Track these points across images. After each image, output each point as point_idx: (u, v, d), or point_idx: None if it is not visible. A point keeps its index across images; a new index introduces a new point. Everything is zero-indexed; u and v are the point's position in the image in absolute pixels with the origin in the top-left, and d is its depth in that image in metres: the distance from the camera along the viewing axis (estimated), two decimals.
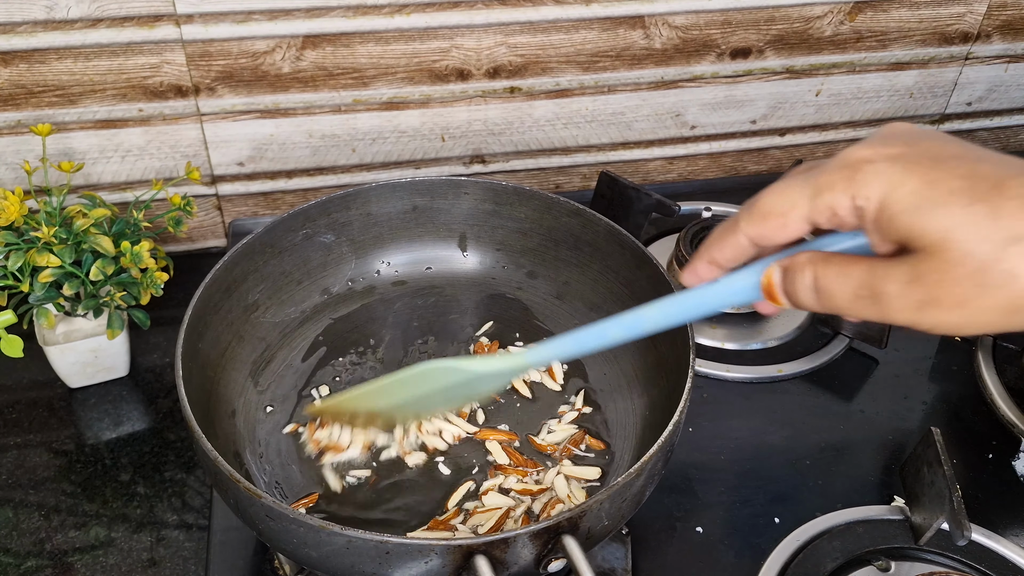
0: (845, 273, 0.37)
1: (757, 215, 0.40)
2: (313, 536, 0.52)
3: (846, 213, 0.37)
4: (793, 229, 0.39)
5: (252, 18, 0.84)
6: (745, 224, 0.40)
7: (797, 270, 0.39)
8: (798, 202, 0.38)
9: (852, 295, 0.37)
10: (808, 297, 0.39)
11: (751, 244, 0.41)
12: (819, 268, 0.38)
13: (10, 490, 0.73)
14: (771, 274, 0.40)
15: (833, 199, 0.37)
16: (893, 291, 0.36)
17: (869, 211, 0.36)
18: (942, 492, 0.66)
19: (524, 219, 0.82)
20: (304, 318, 0.79)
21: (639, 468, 0.56)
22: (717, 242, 0.42)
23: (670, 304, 0.45)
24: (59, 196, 0.76)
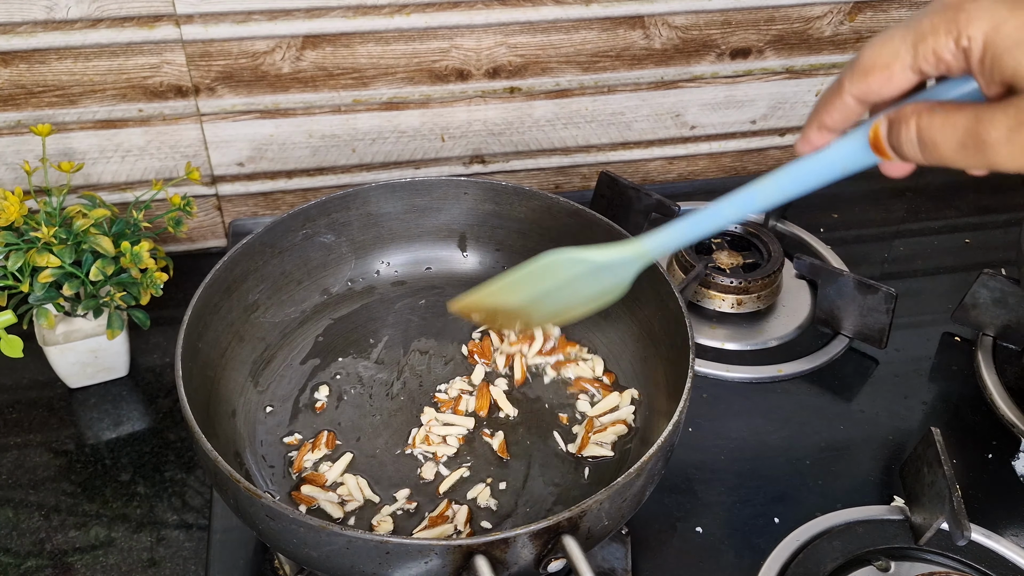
0: (950, 122, 0.36)
1: (860, 71, 0.38)
2: (313, 536, 0.52)
3: (951, 57, 0.35)
4: (899, 81, 0.38)
5: (252, 18, 0.84)
6: (849, 83, 0.39)
7: (902, 121, 0.38)
8: (901, 51, 0.37)
9: (957, 144, 0.36)
10: (913, 150, 0.38)
11: (858, 103, 0.40)
12: (923, 119, 0.37)
13: (10, 490, 0.73)
14: (878, 128, 0.39)
15: (936, 43, 0.35)
16: (1000, 137, 0.34)
17: (974, 51, 0.34)
18: (942, 492, 0.66)
19: (524, 219, 0.82)
20: (304, 318, 0.79)
21: (639, 468, 0.56)
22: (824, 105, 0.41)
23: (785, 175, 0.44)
24: (59, 196, 0.76)
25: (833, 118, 0.41)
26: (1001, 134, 0.34)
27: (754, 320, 0.90)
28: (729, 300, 0.89)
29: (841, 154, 0.42)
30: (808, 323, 0.90)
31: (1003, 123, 0.34)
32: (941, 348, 0.89)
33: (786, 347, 0.88)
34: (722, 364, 0.85)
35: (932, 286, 0.97)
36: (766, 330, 0.89)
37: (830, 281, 0.87)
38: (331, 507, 0.65)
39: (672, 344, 0.69)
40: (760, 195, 0.45)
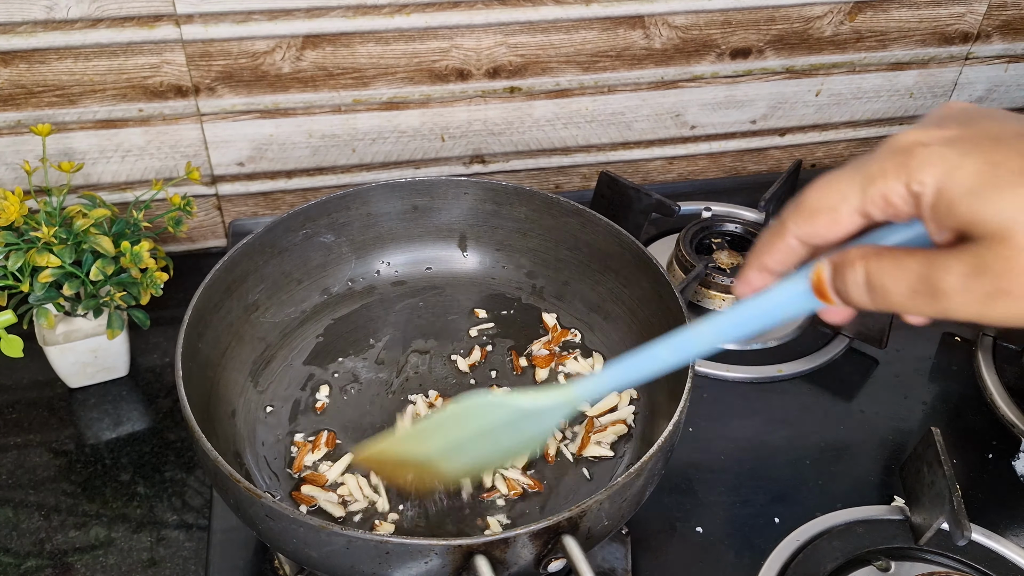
0: (900, 267, 0.35)
1: (805, 213, 0.37)
2: (313, 536, 0.52)
3: (901, 201, 0.34)
4: (845, 224, 0.36)
5: (252, 18, 0.84)
6: (793, 224, 0.38)
7: (848, 266, 0.36)
8: (848, 194, 0.36)
9: (909, 291, 0.35)
10: (860, 295, 0.36)
11: (801, 245, 0.38)
12: (871, 263, 0.36)
13: (10, 490, 0.73)
14: (820, 271, 0.38)
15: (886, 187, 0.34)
16: (954, 284, 0.33)
17: (926, 197, 0.33)
18: (942, 492, 0.66)
19: (524, 219, 0.82)
20: (304, 318, 0.79)
21: (639, 468, 0.56)
22: (766, 247, 0.40)
23: (723, 320, 0.42)
24: (59, 196, 0.76)
25: (775, 259, 0.39)
26: (957, 281, 0.33)
27: None
28: (729, 300, 0.90)
29: (782, 298, 0.40)
30: (808, 323, 0.90)
31: (958, 270, 0.33)
32: (941, 348, 0.89)
33: (786, 347, 0.88)
34: (722, 364, 0.85)
35: None
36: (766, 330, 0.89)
37: None
38: (331, 507, 0.65)
39: None
40: (698, 340, 0.43)
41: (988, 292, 0.32)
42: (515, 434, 0.51)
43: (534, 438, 0.52)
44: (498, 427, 0.51)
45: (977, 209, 0.32)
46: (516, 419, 0.50)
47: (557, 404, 0.49)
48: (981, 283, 0.32)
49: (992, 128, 0.34)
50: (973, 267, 0.33)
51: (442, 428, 0.53)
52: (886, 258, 0.35)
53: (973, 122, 0.35)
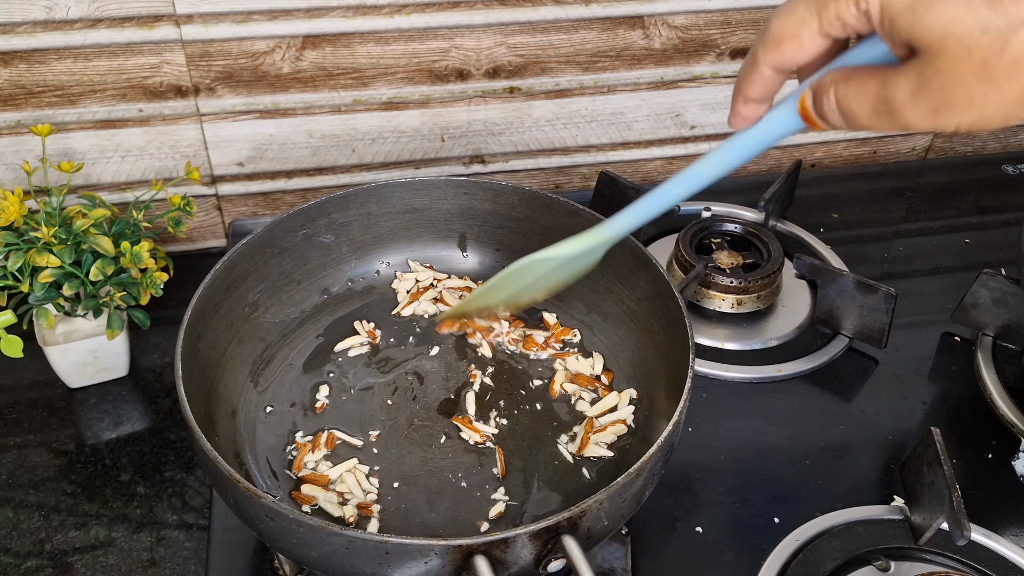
0: (862, 90, 0.36)
1: (771, 42, 0.38)
2: (313, 536, 0.52)
3: (855, 20, 0.35)
4: (810, 47, 0.37)
5: (252, 18, 0.84)
6: (763, 54, 0.39)
7: (823, 91, 0.38)
8: (807, 18, 0.37)
9: (871, 110, 0.36)
10: (836, 117, 0.38)
11: (775, 72, 0.39)
12: (839, 87, 0.37)
13: (10, 490, 0.73)
14: (804, 99, 0.39)
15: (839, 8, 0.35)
16: (904, 100, 0.34)
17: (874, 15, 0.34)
18: (942, 492, 0.66)
19: (524, 219, 0.82)
20: (304, 318, 0.79)
21: (639, 468, 0.56)
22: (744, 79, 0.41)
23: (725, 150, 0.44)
24: (59, 196, 0.76)
25: (755, 89, 0.41)
26: (905, 97, 0.34)
27: (754, 320, 0.90)
28: (729, 300, 0.89)
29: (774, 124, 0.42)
30: (808, 323, 0.90)
31: (905, 86, 0.34)
32: (941, 348, 0.89)
33: (786, 347, 0.88)
34: (722, 364, 0.85)
35: (932, 286, 0.97)
36: (766, 330, 0.89)
37: (830, 281, 0.87)
38: (331, 507, 0.65)
39: (672, 344, 0.69)
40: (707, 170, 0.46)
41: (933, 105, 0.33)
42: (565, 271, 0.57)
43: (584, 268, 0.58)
44: (549, 272, 0.57)
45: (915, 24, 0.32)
46: (562, 264, 0.56)
47: (595, 244, 0.55)
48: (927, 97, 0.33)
49: None
50: (917, 82, 0.33)
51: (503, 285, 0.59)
52: (852, 81, 0.36)
53: None
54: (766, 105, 0.42)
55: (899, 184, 1.13)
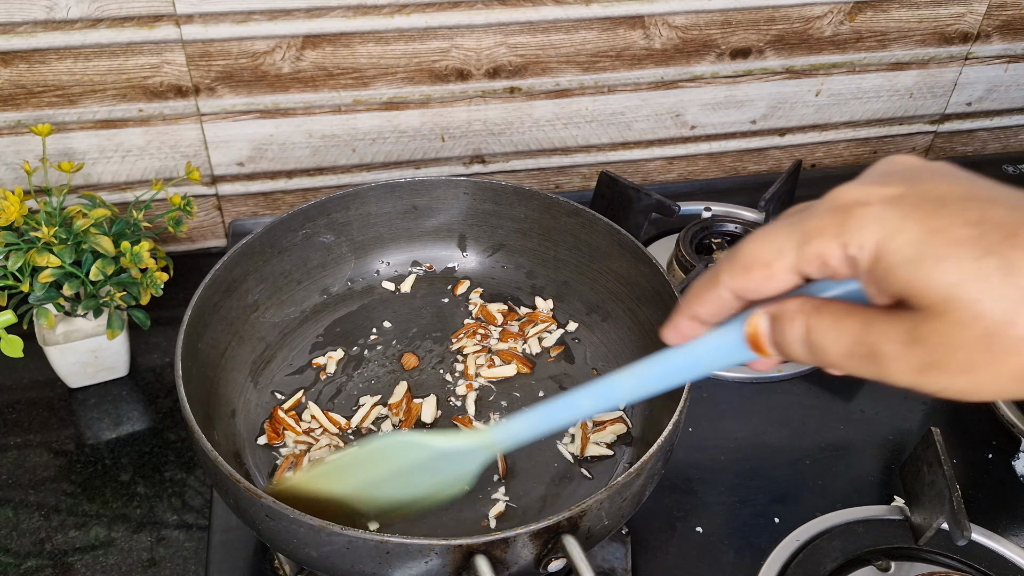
0: (839, 327, 0.33)
1: (739, 266, 0.35)
2: (313, 536, 0.52)
3: (838, 263, 0.33)
4: (780, 281, 0.35)
5: (252, 18, 0.84)
6: (727, 276, 0.36)
7: (787, 320, 0.35)
8: (784, 251, 0.34)
9: (846, 352, 0.33)
10: (799, 350, 0.35)
11: (734, 297, 0.36)
12: (811, 319, 0.34)
13: (10, 490, 0.73)
14: (757, 323, 0.36)
15: (823, 247, 0.33)
16: (891, 352, 0.32)
17: (863, 262, 0.32)
18: (942, 492, 0.66)
19: (524, 219, 0.82)
20: (304, 318, 0.79)
21: (639, 468, 0.56)
22: (698, 296, 0.38)
23: (648, 369, 0.41)
24: (59, 196, 0.76)
25: (707, 309, 0.38)
26: (894, 348, 0.32)
27: None
28: None
29: (713, 348, 0.38)
30: None
31: (896, 338, 0.31)
32: None
33: None
34: None
35: None
36: None
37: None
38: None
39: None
40: (620, 389, 0.42)
41: (924, 363, 0.31)
42: (433, 476, 0.51)
43: (452, 481, 0.51)
44: (415, 467, 0.50)
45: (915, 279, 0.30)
46: (433, 460, 0.50)
47: (475, 447, 0.49)
48: (917, 353, 0.31)
49: (938, 188, 0.32)
50: (910, 336, 0.31)
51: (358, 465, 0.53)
52: (826, 315, 0.34)
53: (918, 180, 0.33)
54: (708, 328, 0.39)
55: None
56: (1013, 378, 0.30)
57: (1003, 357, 0.29)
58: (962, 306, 0.29)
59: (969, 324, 0.29)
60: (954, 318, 0.30)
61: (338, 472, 0.54)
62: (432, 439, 0.49)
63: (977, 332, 0.29)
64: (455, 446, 0.49)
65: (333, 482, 0.54)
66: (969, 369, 0.30)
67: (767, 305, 0.36)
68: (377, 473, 0.52)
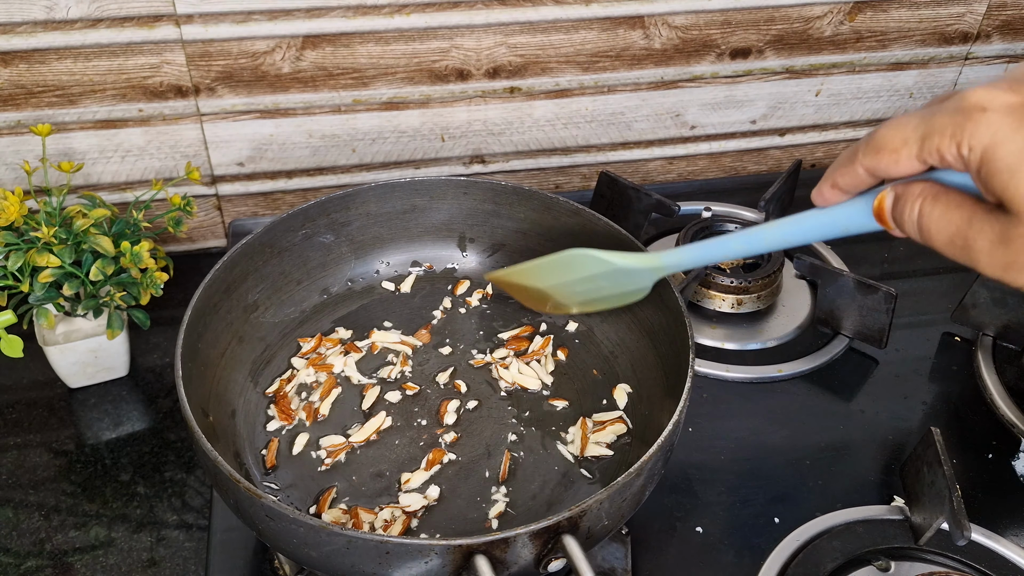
0: (947, 217, 0.37)
1: (872, 147, 0.40)
2: (313, 536, 0.52)
3: (952, 159, 0.36)
4: (905, 166, 0.39)
5: (252, 18, 0.84)
6: (862, 155, 0.40)
7: (908, 199, 0.39)
8: (911, 140, 0.38)
9: (948, 239, 0.37)
10: (912, 229, 0.39)
11: (868, 174, 0.41)
12: (926, 204, 0.38)
13: (10, 490, 0.73)
14: (884, 198, 0.41)
15: (942, 143, 0.36)
16: (983, 247, 0.36)
17: (972, 163, 0.35)
18: (942, 492, 0.66)
19: (524, 219, 0.82)
20: (304, 318, 0.79)
21: (639, 468, 0.56)
22: (839, 168, 0.42)
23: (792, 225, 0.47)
24: (59, 196, 0.76)
25: (845, 181, 0.42)
26: (985, 244, 0.36)
27: (754, 320, 0.90)
28: (729, 300, 0.90)
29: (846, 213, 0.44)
30: (808, 323, 0.90)
31: (988, 235, 0.36)
32: (941, 348, 0.89)
33: (786, 347, 0.88)
34: (722, 364, 0.85)
35: (932, 286, 0.97)
36: (766, 330, 0.89)
37: (830, 281, 0.87)
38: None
39: (672, 344, 0.69)
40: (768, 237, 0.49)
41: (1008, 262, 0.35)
42: (612, 285, 0.60)
43: (632, 291, 0.61)
44: (598, 276, 0.60)
45: (1011, 187, 0.34)
46: (611, 273, 0.59)
47: (647, 267, 0.57)
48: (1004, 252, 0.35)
49: None
50: (1000, 236, 0.35)
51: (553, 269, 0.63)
52: (940, 203, 0.38)
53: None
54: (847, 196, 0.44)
55: None
56: None
57: None
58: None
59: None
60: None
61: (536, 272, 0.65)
62: (612, 256, 0.58)
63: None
64: (630, 264, 0.58)
65: (533, 278, 0.65)
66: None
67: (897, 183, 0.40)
68: (568, 277, 0.62)
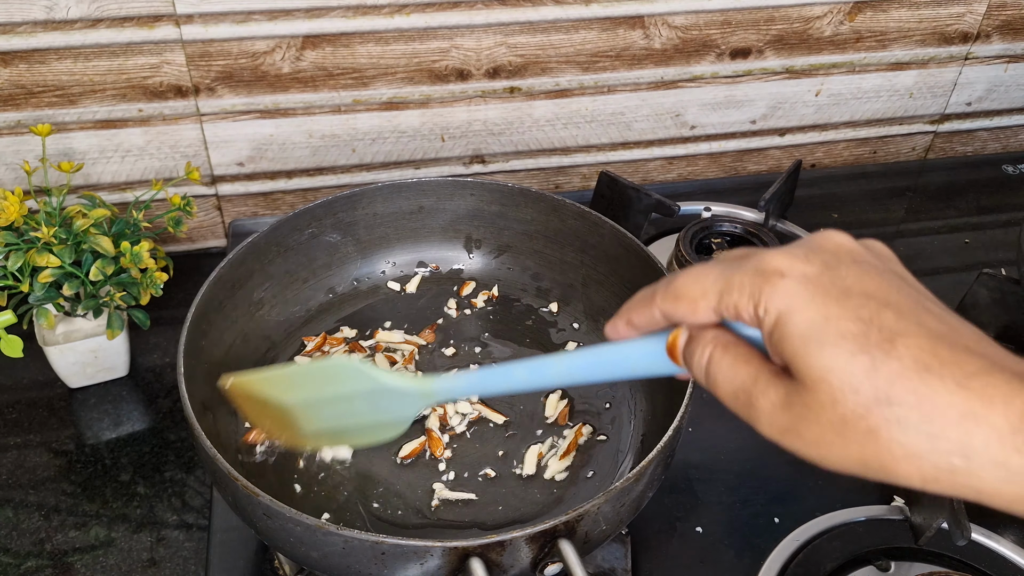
0: (734, 369, 0.37)
1: (671, 295, 0.39)
2: (310, 536, 0.52)
3: (748, 318, 0.36)
4: (702, 316, 0.38)
5: (252, 18, 0.84)
6: (660, 300, 0.40)
7: (699, 343, 0.39)
8: (709, 293, 0.38)
9: (732, 392, 0.37)
10: (699, 373, 0.39)
11: (663, 317, 0.40)
12: (717, 351, 0.38)
13: (10, 490, 0.73)
14: (678, 335, 0.40)
15: (740, 301, 0.36)
16: (764, 407, 0.36)
17: (767, 324, 0.36)
18: None
19: (530, 221, 0.82)
20: (309, 317, 0.79)
21: (638, 472, 0.55)
22: (636, 306, 0.42)
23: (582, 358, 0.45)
24: (59, 196, 0.76)
25: (640, 320, 0.42)
26: (767, 406, 0.36)
27: None
28: None
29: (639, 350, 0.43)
30: None
31: (771, 397, 0.35)
32: None
33: None
34: None
35: (932, 286, 0.95)
36: None
37: None
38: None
39: None
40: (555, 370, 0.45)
41: (786, 427, 0.35)
42: (373, 409, 0.52)
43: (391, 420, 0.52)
44: (359, 395, 0.52)
45: (800, 354, 0.34)
46: (376, 393, 0.51)
47: (415, 392, 0.50)
48: (784, 417, 0.35)
49: (848, 278, 0.35)
50: (783, 400, 0.35)
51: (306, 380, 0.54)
52: (729, 354, 0.38)
53: (837, 265, 0.36)
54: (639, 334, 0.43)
55: (899, 184, 1.13)
56: (856, 462, 0.34)
57: (849, 443, 0.33)
58: (828, 390, 0.33)
59: (829, 407, 0.33)
60: (819, 399, 0.33)
61: (287, 381, 0.55)
62: (377, 372, 0.51)
63: (834, 416, 0.33)
64: (397, 385, 0.50)
65: (281, 390, 0.54)
66: (820, 444, 0.34)
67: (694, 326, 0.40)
68: (322, 392, 0.53)
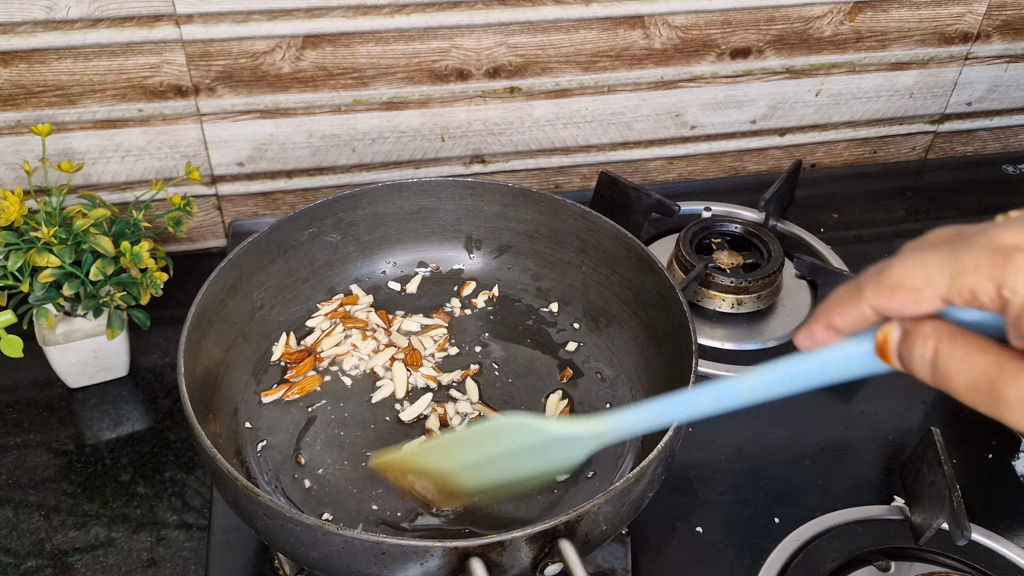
0: (969, 359, 0.34)
1: (886, 287, 0.36)
2: (310, 536, 0.52)
3: (987, 300, 0.33)
4: (926, 306, 0.35)
5: (252, 18, 0.84)
6: (872, 294, 0.37)
7: (919, 338, 0.35)
8: (936, 279, 0.34)
9: (970, 385, 0.33)
10: (923, 370, 0.35)
11: (875, 314, 0.37)
12: (943, 344, 0.34)
13: (10, 490, 0.73)
14: (889, 332, 0.36)
15: (978, 283, 0.33)
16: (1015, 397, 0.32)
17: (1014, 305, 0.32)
18: (942, 492, 0.66)
19: (531, 221, 0.81)
20: (309, 317, 0.79)
21: (639, 473, 0.55)
22: (837, 307, 0.38)
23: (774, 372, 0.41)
24: (59, 196, 0.76)
25: (845, 321, 0.38)
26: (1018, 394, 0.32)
27: (754, 320, 0.90)
28: (729, 300, 0.89)
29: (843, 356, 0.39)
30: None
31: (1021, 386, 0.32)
32: None
33: (786, 347, 0.88)
34: (722, 364, 0.85)
35: None
36: (766, 330, 0.89)
37: (830, 281, 0.87)
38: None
39: (675, 347, 0.68)
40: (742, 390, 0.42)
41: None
42: (541, 459, 0.50)
43: (560, 465, 0.50)
44: (525, 449, 0.50)
45: None
46: (544, 444, 0.49)
47: (588, 434, 0.48)
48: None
49: None
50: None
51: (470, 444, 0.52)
52: (959, 344, 0.34)
53: None
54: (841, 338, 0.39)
55: (899, 184, 1.13)
56: None
57: None
58: None
59: None
60: None
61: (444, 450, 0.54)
62: (546, 424, 0.49)
63: None
64: (568, 432, 0.48)
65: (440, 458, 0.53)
66: None
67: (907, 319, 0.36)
68: (486, 453, 0.51)
